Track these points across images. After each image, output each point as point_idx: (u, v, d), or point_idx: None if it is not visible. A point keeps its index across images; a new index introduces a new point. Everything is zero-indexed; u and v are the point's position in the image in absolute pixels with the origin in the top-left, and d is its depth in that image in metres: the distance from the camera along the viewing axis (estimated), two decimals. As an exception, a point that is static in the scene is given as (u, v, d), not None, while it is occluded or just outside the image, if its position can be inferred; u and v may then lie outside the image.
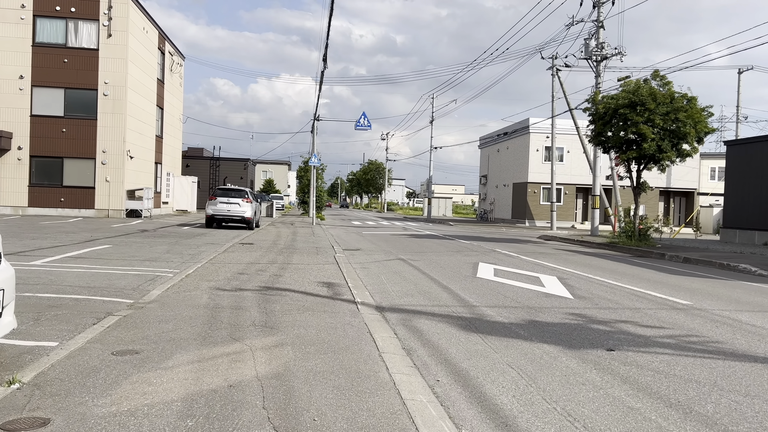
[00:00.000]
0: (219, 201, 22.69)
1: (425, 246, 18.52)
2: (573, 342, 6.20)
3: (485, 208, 49.86)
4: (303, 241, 18.51)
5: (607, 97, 19.65)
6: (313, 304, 7.61)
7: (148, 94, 30.62)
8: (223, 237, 18.64)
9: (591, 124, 20.44)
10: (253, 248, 15.07)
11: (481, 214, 50.51)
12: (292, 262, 12.30)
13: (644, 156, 18.58)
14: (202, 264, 11.27)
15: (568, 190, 40.76)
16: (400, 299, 8.58)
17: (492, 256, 15.54)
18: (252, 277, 9.83)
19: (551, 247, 20.08)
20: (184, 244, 15.42)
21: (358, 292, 8.77)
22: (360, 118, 31.44)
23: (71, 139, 26.78)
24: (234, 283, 9.19)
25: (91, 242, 14.87)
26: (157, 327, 6.00)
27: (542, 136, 39.70)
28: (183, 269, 10.53)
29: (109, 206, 27.15)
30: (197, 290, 8.36)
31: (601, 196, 35.30)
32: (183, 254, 13.05)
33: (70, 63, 26.70)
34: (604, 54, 24.79)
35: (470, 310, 7.81)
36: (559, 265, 13.62)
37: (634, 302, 8.86)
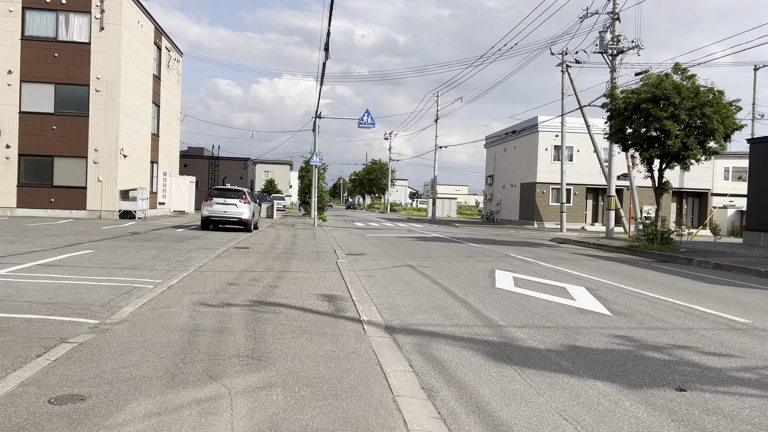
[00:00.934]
0: (215, 202, 21.53)
1: (434, 250, 17.35)
2: (631, 377, 5.03)
3: (491, 209, 48.65)
4: (303, 244, 17.35)
5: (627, 91, 18.45)
6: (311, 325, 6.45)
7: (144, 91, 29.48)
8: (217, 240, 17.49)
9: (609, 120, 19.26)
10: (249, 253, 13.91)
11: (487, 215, 49.30)
12: (289, 270, 11.14)
13: (668, 154, 17.39)
14: (189, 272, 10.11)
15: (577, 191, 39.54)
16: (412, 316, 7.41)
17: (507, 262, 14.35)
18: (243, 289, 8.67)
19: (567, 251, 18.88)
20: (173, 249, 14.27)
21: (363, 308, 7.61)
22: (363, 116, 30.27)
23: (62, 137, 25.65)
24: (222, 296, 8.03)
25: (73, 247, 13.73)
26: (117, 359, 4.84)
27: (551, 135, 38.49)
28: (167, 279, 9.38)
29: (101, 207, 26.00)
30: (178, 306, 7.20)
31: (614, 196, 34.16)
32: (170, 261, 11.89)
33: (60, 57, 25.56)
34: (620, 47, 23.59)
35: (496, 332, 6.64)
36: (583, 273, 12.42)
37: (683, 320, 7.67)
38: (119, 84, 25.91)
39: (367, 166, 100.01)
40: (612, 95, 18.99)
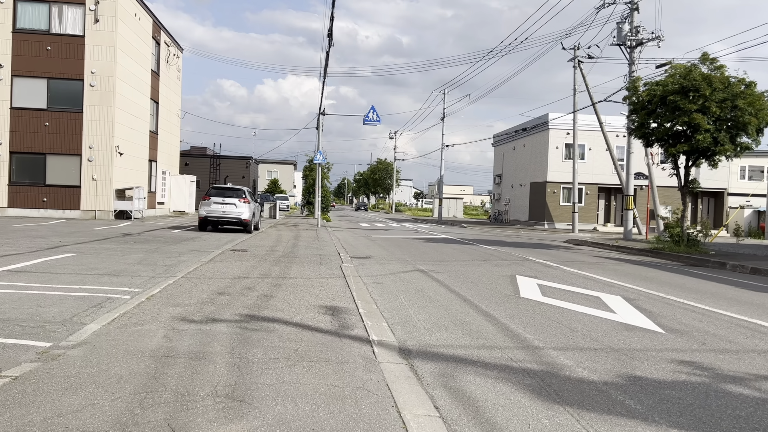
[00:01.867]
0: (213, 201, 20.43)
1: (445, 253, 16.20)
2: (723, 425, 3.87)
3: (499, 209, 47.45)
4: (305, 246, 16.23)
5: (650, 83, 17.24)
6: (310, 347, 5.32)
7: (141, 86, 28.42)
8: (213, 242, 16.38)
9: (631, 115, 18.05)
10: (246, 256, 12.79)
11: (495, 216, 48.10)
12: (289, 276, 10.01)
13: (696, 150, 16.18)
14: (176, 279, 8.99)
15: (589, 190, 38.32)
16: (430, 335, 6.27)
17: (527, 266, 13.19)
18: (234, 300, 7.54)
19: (587, 254, 17.69)
20: (164, 252, 13.16)
21: (372, 323, 6.48)
22: (369, 112, 29.19)
23: (55, 134, 24.60)
24: (208, 309, 6.91)
25: (54, 250, 12.63)
26: (55, 402, 3.72)
27: (562, 133, 37.29)
28: (148, 287, 8.26)
29: (96, 207, 24.94)
30: (153, 322, 6.08)
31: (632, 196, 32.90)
32: (157, 265, 10.77)
33: (53, 51, 24.53)
34: (639, 39, 22.38)
35: (534, 356, 5.49)
36: (614, 279, 11.24)
37: (752, 340, 6.50)
38: (115, 79, 24.84)
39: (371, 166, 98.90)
40: (634, 88, 17.78)
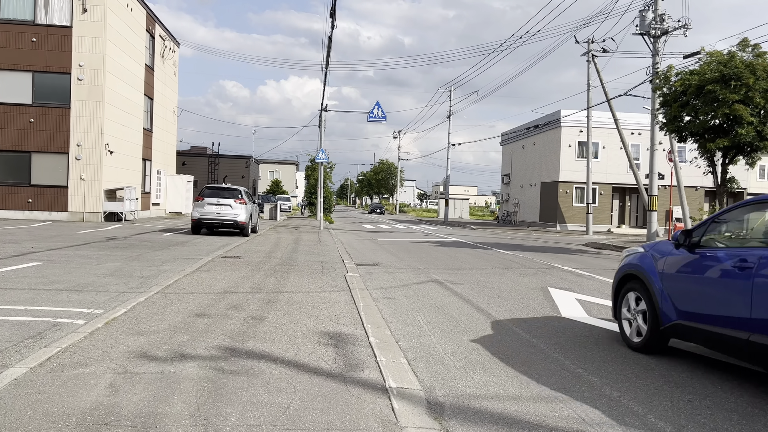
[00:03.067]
0: (207, 202, 18.96)
1: (460, 259, 14.71)
2: None
3: (508, 209, 45.92)
4: (306, 252, 14.76)
5: (684, 72, 15.73)
6: (305, 404, 3.85)
7: (134, 81, 26.98)
8: (205, 247, 14.92)
9: (663, 107, 16.54)
10: (238, 265, 11.32)
11: (503, 217, 46.57)
12: (285, 290, 8.53)
13: (737, 145, 14.66)
14: (149, 296, 7.52)
15: (603, 190, 36.79)
16: (465, 378, 4.79)
17: (556, 275, 11.69)
18: (214, 325, 6.07)
19: (616, 259, 16.18)
20: (145, 260, 11.69)
21: (388, 360, 5.01)
22: (373, 109, 27.67)
23: (40, 131, 23.16)
24: (179, 339, 5.44)
25: (20, 258, 11.18)
26: None
27: (575, 130, 35.79)
28: (112, 307, 6.80)
29: (84, 208, 23.49)
30: (102, 362, 4.63)
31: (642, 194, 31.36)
32: (132, 277, 9.30)
33: (39, 42, 23.09)
34: (664, 27, 20.83)
35: (618, 415, 4.00)
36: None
37: None
38: (104, 72, 23.40)
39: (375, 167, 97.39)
40: (666, 77, 16.27)
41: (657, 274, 5.59)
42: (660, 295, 5.46)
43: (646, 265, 5.80)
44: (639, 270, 5.87)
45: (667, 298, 5.39)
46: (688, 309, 5.14)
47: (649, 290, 5.60)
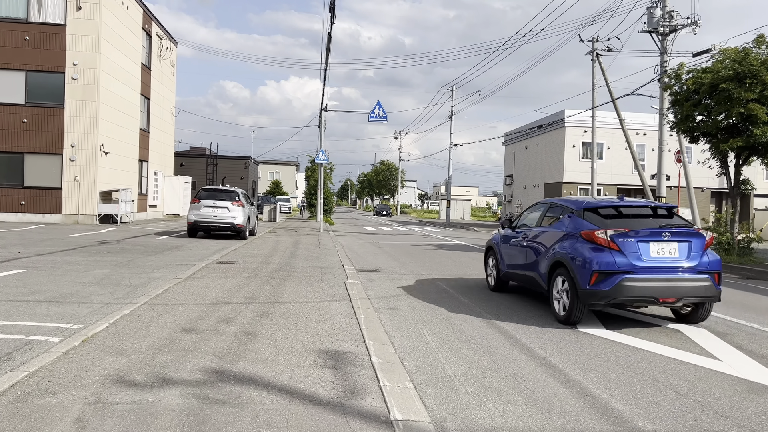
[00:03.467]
0: (203, 204, 18.45)
1: (464, 264, 14.19)
2: None
3: (511, 211, 45.36)
4: (305, 256, 14.24)
5: (697, 70, 15.21)
6: (299, 448, 3.34)
7: (130, 81, 26.47)
8: (200, 252, 14.41)
9: (674, 106, 16.02)
10: (233, 271, 10.81)
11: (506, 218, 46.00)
12: (281, 300, 8.02)
13: (753, 146, 14.13)
14: (135, 307, 7.01)
15: (608, 191, 36.24)
16: (479, 406, 4.28)
17: (565, 281, 11.17)
18: (203, 341, 5.57)
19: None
20: (136, 266, 11.18)
21: (392, 384, 4.50)
22: (374, 108, 27.16)
23: (33, 131, 22.65)
24: (162, 359, 4.93)
25: (4, 264, 10.67)
26: None
27: (579, 130, 35.28)
28: (93, 321, 6.30)
29: (78, 211, 22.98)
30: (72, 389, 4.13)
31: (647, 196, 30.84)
32: (119, 285, 8.79)
33: (32, 41, 22.58)
34: (673, 25, 20.29)
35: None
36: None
37: None
38: (99, 71, 22.89)
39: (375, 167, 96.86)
40: (677, 75, 15.75)
41: (499, 245, 9.65)
42: (500, 256, 9.53)
43: (495, 241, 9.94)
44: (492, 244, 10.07)
45: (503, 258, 9.43)
46: (510, 262, 9.16)
47: (496, 255, 9.70)
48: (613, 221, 7.33)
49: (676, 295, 6.81)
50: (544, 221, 8.49)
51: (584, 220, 7.41)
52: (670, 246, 6.95)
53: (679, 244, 6.98)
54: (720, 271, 7.14)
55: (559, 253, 7.46)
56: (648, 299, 6.82)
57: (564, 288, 7.24)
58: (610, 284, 6.72)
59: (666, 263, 6.87)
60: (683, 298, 6.85)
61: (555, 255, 7.54)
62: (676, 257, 6.92)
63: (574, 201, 8.13)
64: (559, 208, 8.24)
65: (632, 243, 6.86)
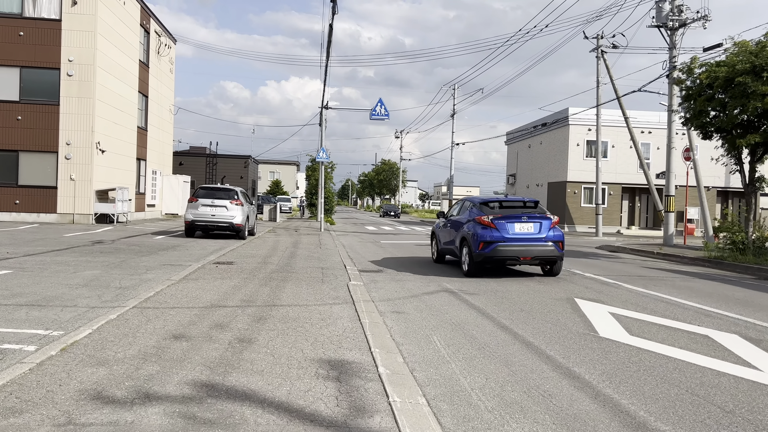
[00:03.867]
0: (201, 203, 17.97)
1: (470, 264, 13.67)
2: None
3: (513, 210, 44.85)
4: (305, 256, 13.76)
5: (710, 64, 14.71)
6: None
7: (127, 78, 25.98)
8: (197, 252, 13.93)
9: (686, 102, 15.52)
10: (230, 272, 10.32)
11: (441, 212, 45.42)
12: (279, 303, 7.53)
13: None
14: (123, 311, 6.53)
15: (612, 190, 35.76)
16: (503, 427, 3.78)
17: (579, 283, 10.67)
18: (193, 350, 5.08)
19: (636, 264, 15.16)
20: (129, 266, 10.70)
21: (402, 400, 4.02)
22: (376, 106, 26.64)
23: (28, 129, 22.18)
24: (147, 371, 4.45)
25: (-9, 264, 10.18)
26: None
27: (584, 129, 34.75)
28: (76, 327, 5.82)
29: (74, 210, 22.50)
30: (42, 407, 3.66)
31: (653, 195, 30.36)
32: (109, 287, 8.31)
33: (26, 36, 22.11)
34: (682, 19, 19.83)
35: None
36: (702, 304, 8.71)
37: None
38: (95, 67, 22.41)
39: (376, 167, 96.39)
40: (689, 69, 15.25)
41: (437, 231, 13.50)
42: (438, 238, 13.33)
43: (435, 227, 13.78)
44: (434, 229, 13.95)
45: (439, 239, 13.22)
46: (443, 241, 12.87)
47: (436, 237, 13.60)
48: (495, 210, 11.28)
49: (531, 255, 10.73)
50: (460, 213, 12.42)
51: (479, 210, 11.34)
52: (528, 225, 10.80)
53: (533, 223, 10.82)
54: (562, 241, 10.96)
55: (464, 232, 11.41)
56: (514, 258, 10.72)
57: (466, 254, 11.19)
58: (490, 249, 10.61)
59: (524, 235, 10.75)
60: (536, 257, 10.80)
61: (461, 233, 11.56)
62: (531, 232, 10.79)
63: (475, 198, 12.54)
64: (468, 203, 12.30)
65: (504, 223, 10.72)
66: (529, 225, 10.74)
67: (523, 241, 10.66)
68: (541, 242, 10.70)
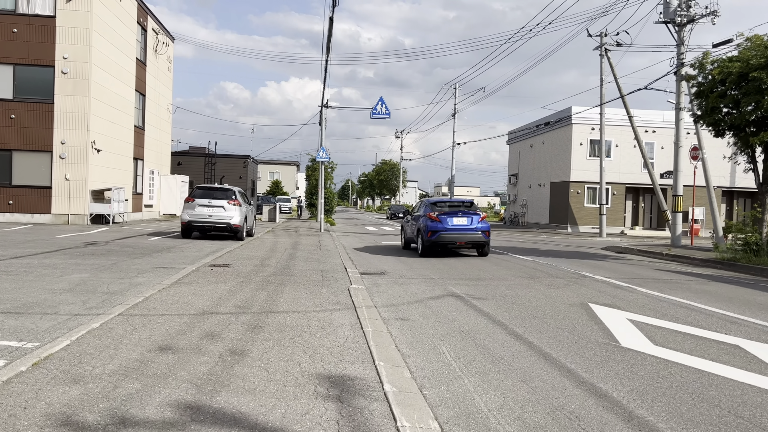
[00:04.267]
0: (198, 204, 17.49)
1: (475, 266, 13.22)
2: None
3: (515, 210, 44.39)
4: (304, 258, 13.29)
5: (723, 59, 14.24)
6: None
7: (123, 76, 25.51)
8: (192, 254, 13.46)
9: (697, 98, 15.04)
10: (226, 275, 9.85)
11: (510, 218, 45.05)
12: (277, 309, 7.06)
13: (785, 139, 13.14)
14: (108, 319, 6.07)
15: (616, 190, 35.28)
16: (528, 459, 3.31)
17: (591, 287, 10.19)
18: (180, 364, 4.61)
19: (647, 266, 14.68)
20: (120, 269, 10.23)
21: (412, 426, 3.58)
22: (377, 104, 26.21)
23: (22, 128, 21.72)
24: (125, 390, 3.98)
25: (-26, 267, 9.71)
26: None
27: (587, 128, 34.29)
28: (54, 337, 5.36)
29: (69, 210, 22.04)
30: (-4, 437, 3.18)
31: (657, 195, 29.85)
32: (96, 292, 7.83)
33: (20, 33, 21.65)
34: (691, 15, 19.35)
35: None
36: (723, 309, 8.23)
37: None
38: (90, 65, 21.94)
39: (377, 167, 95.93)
40: (701, 65, 14.77)
41: (405, 224, 17.47)
42: (405, 230, 17.45)
43: (404, 222, 17.76)
44: (402, 224, 17.94)
45: (405, 231, 17.37)
46: (407, 233, 17.04)
47: (404, 229, 17.61)
48: (440, 208, 15.32)
49: (464, 240, 14.87)
50: (419, 210, 16.30)
51: (430, 208, 15.28)
52: (463, 219, 14.78)
53: (467, 218, 14.82)
54: (488, 230, 15.11)
55: (420, 224, 15.34)
56: (453, 242, 14.80)
57: (420, 240, 15.22)
58: (436, 236, 14.58)
59: (460, 226, 14.73)
60: (468, 242, 14.95)
61: (418, 225, 15.57)
62: (465, 224, 14.77)
63: (430, 200, 16.63)
64: (425, 203, 16.30)
65: (446, 218, 14.70)
66: (464, 219, 14.79)
67: (459, 230, 14.71)
68: (472, 231, 14.77)
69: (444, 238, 14.51)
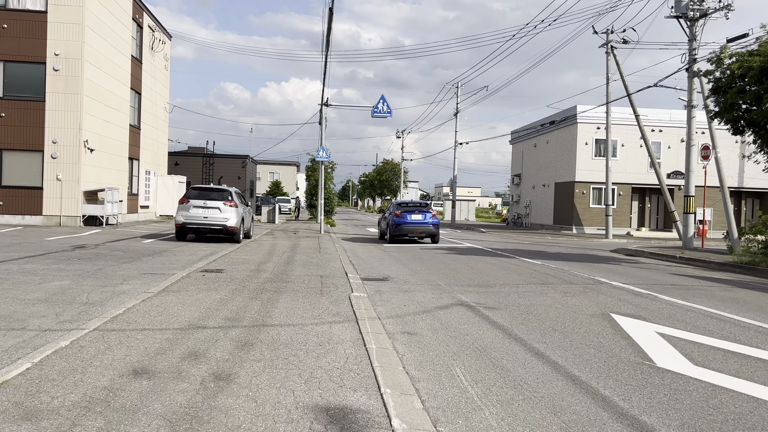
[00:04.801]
0: (193, 205, 16.84)
1: (483, 271, 12.56)
2: None
3: (518, 211, 43.69)
4: (303, 262, 12.62)
5: (742, 54, 13.59)
6: None
7: (118, 73, 24.86)
8: (185, 258, 12.81)
9: (715, 94, 14.39)
10: (218, 282, 9.19)
11: (513, 219, 44.36)
12: (271, 321, 6.40)
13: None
14: (81, 335, 5.41)
15: (622, 191, 34.60)
16: None
17: (609, 294, 9.53)
18: (154, 394, 3.96)
19: (662, 270, 14.02)
20: (104, 275, 9.57)
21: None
22: (378, 103, 25.53)
23: (12, 126, 21.07)
24: (81, 430, 3.32)
25: (-52, 274, 9.06)
26: None
27: (592, 127, 33.60)
28: (13, 359, 4.73)
29: (60, 212, 21.39)
30: None
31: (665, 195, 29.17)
32: (72, 303, 7.18)
33: (10, 29, 21.01)
34: (703, 9, 18.70)
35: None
36: (761, 321, 7.57)
37: None
38: (83, 62, 21.30)
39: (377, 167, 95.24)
40: (718, 60, 14.12)
41: (380, 220, 23.54)
42: (380, 225, 23.30)
43: (380, 219, 23.77)
44: (378, 220, 24.45)
45: (381, 225, 23.19)
46: (381, 226, 22.85)
47: (379, 224, 23.69)
48: (403, 208, 20.86)
49: (419, 231, 20.24)
50: (389, 210, 21.05)
51: (396, 207, 20.74)
52: (419, 215, 20.30)
53: (422, 214, 20.31)
54: (438, 224, 20.53)
55: (389, 219, 20.49)
56: (411, 233, 20.18)
57: (388, 232, 20.50)
58: (398, 228, 19.96)
59: (416, 220, 20.13)
60: (422, 232, 20.29)
61: (387, 220, 20.74)
62: (420, 219, 20.22)
63: (395, 201, 22.24)
64: (392, 204, 21.10)
65: (406, 214, 20.20)
66: (419, 215, 20.22)
67: (416, 223, 20.11)
68: (425, 224, 20.17)
69: (404, 230, 19.96)
